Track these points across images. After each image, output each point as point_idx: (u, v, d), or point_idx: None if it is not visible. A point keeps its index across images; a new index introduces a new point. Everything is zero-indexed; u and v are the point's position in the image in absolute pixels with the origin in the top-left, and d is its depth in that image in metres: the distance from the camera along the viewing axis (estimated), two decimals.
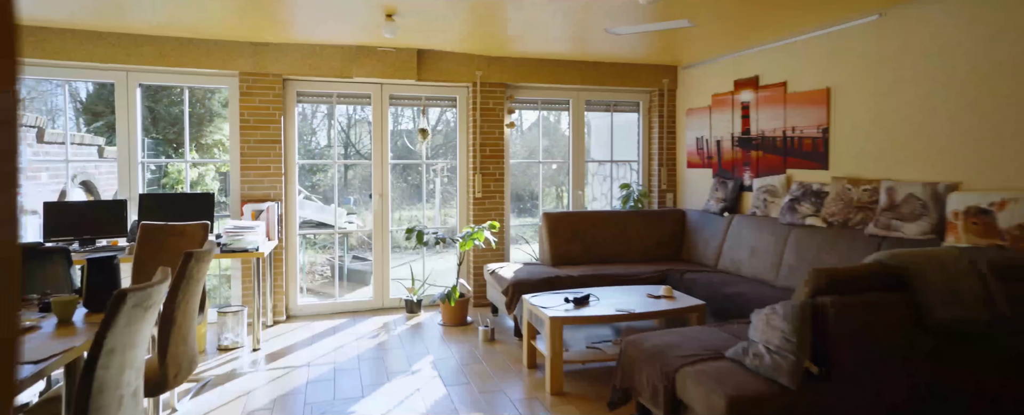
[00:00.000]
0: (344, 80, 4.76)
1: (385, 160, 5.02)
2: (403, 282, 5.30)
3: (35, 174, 5.52)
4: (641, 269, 4.39)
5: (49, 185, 5.86)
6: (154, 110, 10.52)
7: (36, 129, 5.92)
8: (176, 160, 4.57)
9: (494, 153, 5.12)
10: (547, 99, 5.43)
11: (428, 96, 5.11)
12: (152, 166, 8.90)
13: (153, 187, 10.34)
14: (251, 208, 4.42)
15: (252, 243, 3.93)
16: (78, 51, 4.08)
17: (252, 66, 4.44)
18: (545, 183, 12.86)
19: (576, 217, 4.87)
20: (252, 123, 4.51)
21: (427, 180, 12.89)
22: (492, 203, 5.12)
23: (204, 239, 3.39)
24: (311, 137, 13.17)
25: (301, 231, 5.09)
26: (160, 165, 9.01)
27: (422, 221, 4.80)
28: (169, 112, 10.89)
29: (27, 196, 4.52)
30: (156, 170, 9.26)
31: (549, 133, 13.41)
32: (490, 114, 5.09)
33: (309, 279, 7.34)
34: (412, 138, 4.88)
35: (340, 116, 14.84)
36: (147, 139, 10.13)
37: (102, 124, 10.27)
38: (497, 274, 4.39)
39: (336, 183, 5.73)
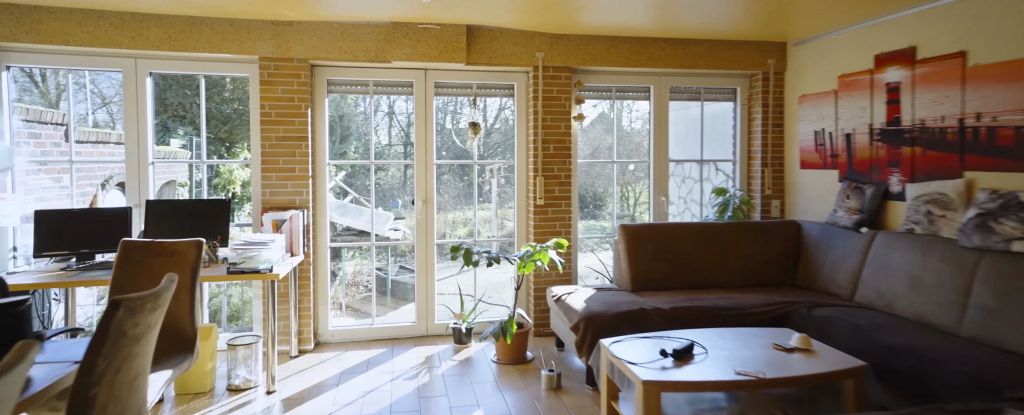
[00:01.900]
0: (381, 65, 4.01)
1: (429, 160, 4.24)
2: (451, 297, 4.51)
3: (58, 176, 5.10)
4: (750, 300, 3.39)
5: (81, 188, 5.46)
6: (206, 108, 10.27)
7: (63, 128, 5.53)
8: (196, 160, 3.93)
9: (559, 151, 4.24)
10: (623, 86, 4.50)
11: (480, 84, 4.29)
12: (204, 166, 8.56)
13: (206, 189, 10.12)
14: (271, 217, 3.75)
15: (265, 262, 3.23)
16: (76, 34, 3.51)
17: (273, 50, 3.76)
18: (607, 183, 11.85)
19: (661, 230, 3.92)
20: (274, 117, 3.83)
21: (480, 182, 12.19)
22: (556, 211, 4.25)
23: (197, 260, 2.70)
24: (372, 136, 12.72)
25: (335, 243, 4.38)
26: (212, 166, 8.65)
27: (476, 226, 4.03)
28: (220, 111, 10.63)
29: (43, 201, 4.05)
30: (208, 169, 8.96)
31: (611, 127, 12.37)
32: (554, 104, 4.22)
33: (351, 292, 6.70)
34: (462, 135, 4.14)
35: (400, 114, 14.42)
36: (199, 138, 9.89)
37: (157, 123, 10.12)
38: (564, 302, 3.51)
39: (373, 186, 4.98)
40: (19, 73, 8.22)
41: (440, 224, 9.69)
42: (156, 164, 6.28)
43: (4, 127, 3.64)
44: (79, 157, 5.70)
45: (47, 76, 8.67)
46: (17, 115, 4.53)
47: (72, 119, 4.27)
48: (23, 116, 4.88)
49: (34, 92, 8.62)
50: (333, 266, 6.42)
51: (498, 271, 7.57)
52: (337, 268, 6.49)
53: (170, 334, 2.64)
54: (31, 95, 8.50)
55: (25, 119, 4.88)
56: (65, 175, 5.10)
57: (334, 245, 4.36)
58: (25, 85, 8.42)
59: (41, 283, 3.01)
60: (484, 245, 4.23)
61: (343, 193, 8.57)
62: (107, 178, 6.11)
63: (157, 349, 2.57)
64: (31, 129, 4.93)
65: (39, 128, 5.08)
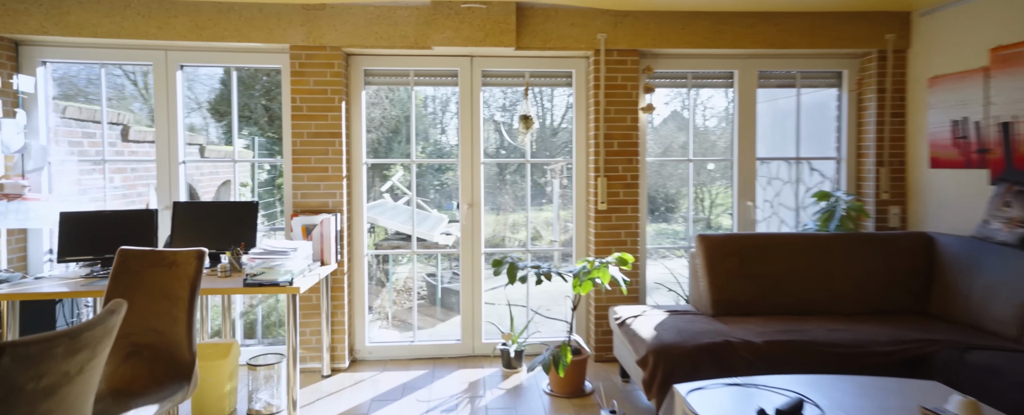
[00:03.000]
0: (422, 52, 3.58)
1: (476, 158, 3.77)
2: (503, 308, 4.02)
3: (110, 176, 5.06)
4: (869, 334, 2.67)
5: (135, 188, 5.42)
6: (270, 108, 10.38)
7: (120, 127, 5.51)
8: (223, 160, 3.64)
9: (624, 148, 3.65)
10: (701, 72, 3.84)
11: (533, 72, 3.77)
12: (267, 165, 8.58)
13: (267, 188, 10.20)
14: (301, 222, 3.40)
15: (285, 274, 2.86)
16: (104, 25, 3.30)
17: (304, 37, 3.41)
18: (679, 183, 11.00)
19: (748, 242, 3.24)
20: (305, 111, 3.48)
21: (532, 184, 11.66)
22: (621, 218, 3.66)
23: (198, 272, 2.35)
24: (440, 135, 12.52)
25: (376, 250, 4.00)
26: (275, 165, 8.65)
27: (530, 231, 3.52)
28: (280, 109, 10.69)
29: (97, 202, 3.91)
30: (272, 169, 8.98)
31: (686, 125, 11.48)
32: (619, 93, 3.63)
33: (402, 300, 6.35)
34: (513, 132, 3.67)
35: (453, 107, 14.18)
36: (262, 138, 9.99)
37: (225, 124, 10.30)
38: (629, 328, 2.93)
39: (414, 186, 4.54)
40: (107, 72, 8.51)
41: (498, 227, 9.26)
42: (198, 164, 6.27)
43: (39, 125, 3.49)
44: (135, 157, 5.69)
45: (148, 74, 8.88)
46: (68, 114, 4.48)
47: (105, 116, 4.11)
48: (76, 115, 4.84)
49: (126, 92, 8.85)
50: (381, 272, 6.10)
51: (557, 279, 7.06)
52: (383, 274, 6.18)
53: (164, 359, 2.29)
54: (116, 94, 8.77)
55: (78, 118, 4.85)
56: (118, 175, 5.04)
57: (375, 252, 3.97)
58: (117, 84, 8.64)
59: (15, 294, 2.76)
60: (542, 252, 3.72)
61: (400, 195, 8.31)
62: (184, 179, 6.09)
63: (148, 377, 2.23)
64: (85, 128, 4.89)
65: (93, 127, 5.05)
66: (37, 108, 3.49)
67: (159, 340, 2.30)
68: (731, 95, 3.91)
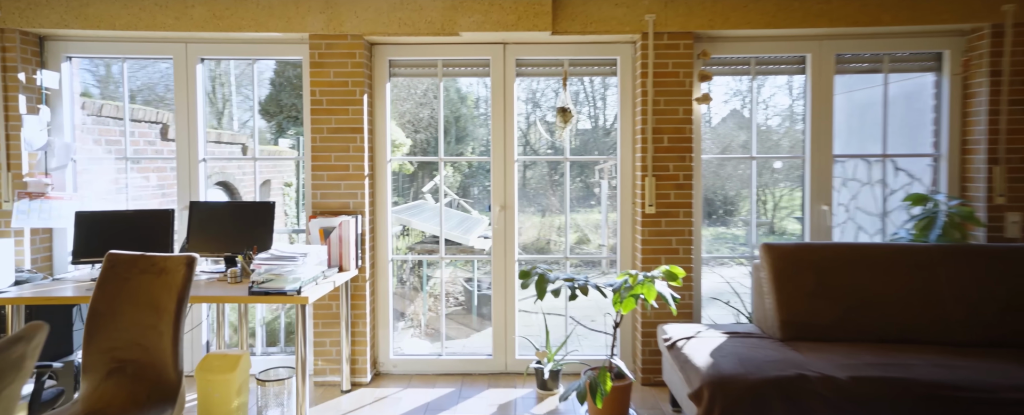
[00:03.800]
0: (450, 40, 3.26)
1: (509, 156, 3.42)
2: (533, 317, 3.65)
3: (147, 175, 5.02)
4: (996, 374, 2.14)
5: (174, 188, 5.38)
6: None
7: (160, 126, 5.50)
8: (242, 159, 3.44)
9: (676, 144, 3.21)
10: (766, 56, 3.35)
11: (572, 60, 3.39)
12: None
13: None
14: (319, 224, 3.15)
15: (294, 282, 2.60)
16: (122, 16, 3.16)
17: (324, 25, 3.16)
18: (739, 185, 10.28)
19: (825, 254, 2.74)
20: (325, 105, 3.23)
21: (581, 185, 11.14)
22: (672, 223, 3.22)
23: (186, 281, 2.11)
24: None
25: (399, 256, 3.71)
26: None
27: (568, 235, 3.16)
28: None
29: (137, 200, 3.77)
30: None
31: (742, 122, 10.73)
32: (669, 82, 3.19)
33: (437, 306, 6.07)
34: (551, 127, 3.31)
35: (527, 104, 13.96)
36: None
37: (272, 124, 10.39)
38: (681, 352, 2.50)
39: (442, 186, 4.26)
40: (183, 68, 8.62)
41: (543, 229, 8.89)
42: (241, 163, 6.22)
43: (64, 122, 3.40)
44: (173, 155, 5.68)
45: (220, 78, 8.98)
46: (104, 112, 4.44)
47: (127, 112, 4.01)
48: (113, 113, 4.82)
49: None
50: (416, 277, 5.85)
51: (606, 280, 6.61)
52: (417, 280, 5.92)
53: (148, 378, 2.06)
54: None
55: (117, 116, 4.83)
56: (154, 174, 5.00)
57: (399, 257, 3.69)
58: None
59: (18, 299, 2.61)
60: (590, 257, 3.33)
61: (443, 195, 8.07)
62: (206, 179, 6.07)
63: (128, 398, 2.00)
64: (122, 127, 4.87)
65: (132, 126, 5.03)
66: (61, 105, 3.40)
67: (144, 356, 2.07)
68: (800, 85, 3.39)
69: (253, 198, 7.34)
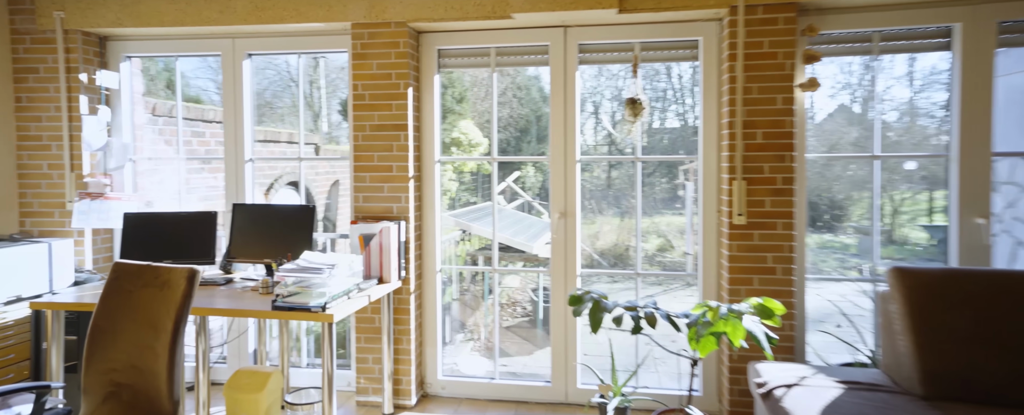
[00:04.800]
0: (504, 25, 2.89)
1: (570, 156, 2.99)
2: (602, 333, 3.20)
3: (214, 174, 5.06)
4: None
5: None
6: None
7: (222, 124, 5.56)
8: (284, 159, 3.25)
9: (772, 141, 2.63)
10: (893, 30, 2.68)
11: (644, 43, 2.89)
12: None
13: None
14: (360, 231, 2.88)
15: (319, 296, 2.33)
16: (169, 12, 3.07)
17: (366, 13, 2.89)
18: (849, 187, 9.13)
19: (985, 283, 2.07)
20: (368, 100, 2.96)
21: (651, 186, 10.35)
22: (767, 236, 2.65)
23: (186, 297, 1.87)
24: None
25: (446, 267, 3.38)
26: None
27: (638, 244, 2.66)
28: None
29: (207, 201, 3.69)
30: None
31: (852, 117, 9.53)
32: (765, 65, 2.63)
33: (506, 314, 5.69)
34: (621, 125, 2.86)
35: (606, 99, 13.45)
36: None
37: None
38: (780, 407, 1.96)
39: (493, 187, 3.89)
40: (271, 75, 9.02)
41: (621, 234, 8.29)
42: (313, 163, 6.18)
43: (123, 122, 3.39)
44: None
45: (316, 81, 9.21)
46: (174, 112, 4.49)
47: (180, 111, 3.96)
48: (185, 114, 4.89)
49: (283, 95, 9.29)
50: (477, 286, 5.52)
51: (677, 299, 5.88)
52: (478, 289, 5.59)
53: (140, 409, 1.84)
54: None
55: (187, 117, 4.89)
56: (220, 174, 5.04)
57: (447, 268, 3.35)
58: (276, 88, 9.06)
59: (52, 304, 2.51)
60: (672, 263, 2.83)
61: (514, 197, 7.74)
62: (275, 179, 6.12)
63: None
64: (193, 127, 4.94)
65: (202, 126, 5.10)
66: (120, 105, 3.38)
67: (139, 381, 1.85)
68: (926, 72, 2.69)
69: (325, 199, 7.37)
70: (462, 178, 9.89)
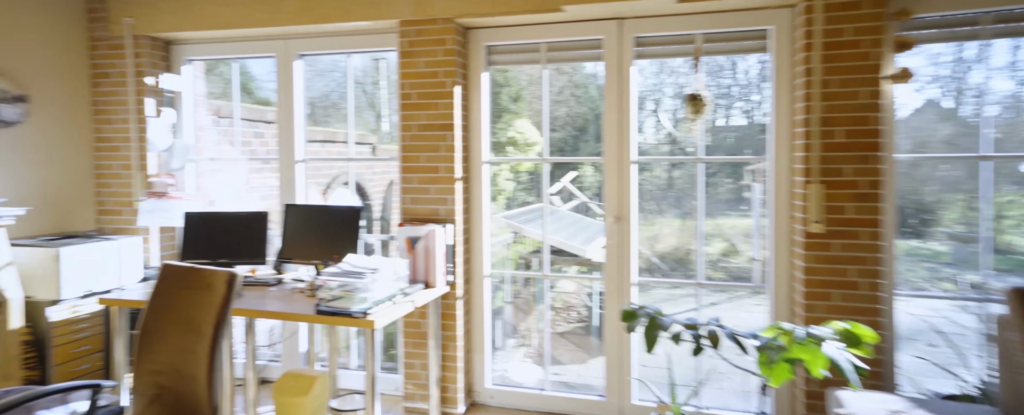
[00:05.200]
0: (554, 18, 2.74)
1: (624, 156, 2.80)
2: (661, 345, 2.99)
3: (276, 174, 5.18)
4: None
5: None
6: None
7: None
8: (339, 159, 3.23)
9: (855, 140, 2.35)
10: (1007, 10, 2.33)
11: (707, 34, 2.66)
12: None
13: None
14: (406, 233, 2.82)
15: (361, 301, 2.27)
16: (225, 15, 3.11)
17: (412, 10, 2.81)
18: (940, 188, 8.34)
19: None
20: (415, 99, 2.89)
21: (715, 187, 9.82)
22: (850, 247, 2.37)
23: (226, 301, 1.84)
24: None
25: (495, 272, 3.27)
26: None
27: (701, 249, 2.44)
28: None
29: (268, 200, 3.77)
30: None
31: (942, 113, 8.70)
32: (848, 55, 2.35)
33: (559, 320, 5.53)
34: (682, 124, 2.65)
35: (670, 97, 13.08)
36: None
37: None
38: None
39: (546, 193, 3.75)
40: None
41: (682, 236, 7.92)
42: (370, 163, 6.22)
43: (186, 123, 3.49)
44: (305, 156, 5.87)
45: (378, 83, 9.39)
46: (224, 115, 4.62)
47: (238, 112, 4.03)
48: (248, 116, 5.03)
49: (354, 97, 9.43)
50: (528, 291, 5.38)
51: (743, 308, 5.52)
52: (529, 294, 5.44)
53: (181, 412, 1.83)
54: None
55: (248, 119, 5.03)
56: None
57: (498, 272, 3.23)
58: (343, 90, 9.25)
59: (116, 301, 2.56)
60: (738, 270, 2.59)
61: (571, 198, 7.56)
62: (332, 179, 6.22)
63: None
64: (255, 128, 5.07)
65: (263, 127, 5.23)
66: (182, 106, 3.48)
67: (180, 385, 1.84)
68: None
69: (381, 199, 7.45)
70: (519, 177, 9.79)
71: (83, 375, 3.06)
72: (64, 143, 3.30)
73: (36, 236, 3.12)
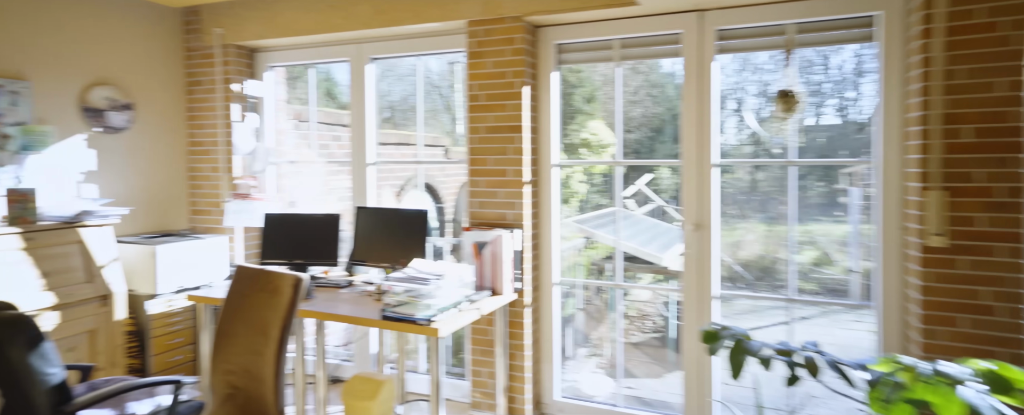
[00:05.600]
0: (628, 13, 2.57)
1: (705, 159, 2.58)
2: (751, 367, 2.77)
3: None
4: None
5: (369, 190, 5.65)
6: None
7: None
8: (406, 162, 3.22)
9: (987, 139, 2.02)
10: None
11: (802, 23, 2.40)
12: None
13: None
14: (473, 238, 2.75)
15: (425, 308, 2.21)
16: (304, 21, 3.19)
17: (481, 9, 2.74)
18: None
19: None
20: (483, 100, 2.82)
21: (805, 191, 9.08)
22: (980, 265, 2.04)
23: (292, 305, 1.84)
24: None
25: (564, 280, 3.14)
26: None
27: (824, 254, 2.18)
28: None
29: (344, 200, 3.88)
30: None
31: None
32: (979, 41, 2.02)
33: (633, 329, 5.28)
34: (768, 122, 2.39)
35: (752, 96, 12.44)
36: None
37: None
38: None
39: (619, 197, 3.57)
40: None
41: (769, 243, 7.38)
42: (442, 165, 6.23)
43: (266, 127, 3.62)
44: (379, 159, 5.99)
45: (454, 85, 9.71)
46: (317, 118, 4.77)
47: (314, 116, 4.12)
48: (327, 119, 5.19)
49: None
50: (601, 299, 5.17)
51: (852, 319, 5.02)
52: (602, 302, 5.22)
53: (252, 411, 1.84)
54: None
55: (327, 122, 5.19)
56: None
57: (567, 280, 3.09)
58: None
59: (204, 298, 2.65)
60: (830, 282, 2.30)
61: (646, 201, 7.27)
62: (406, 181, 6.31)
63: None
64: (333, 132, 5.22)
65: (340, 131, 5.38)
66: (264, 111, 3.61)
67: (250, 385, 1.85)
68: None
69: (453, 202, 7.49)
70: (592, 179, 9.57)
71: (177, 365, 3.24)
72: (163, 147, 3.50)
73: (138, 234, 3.33)
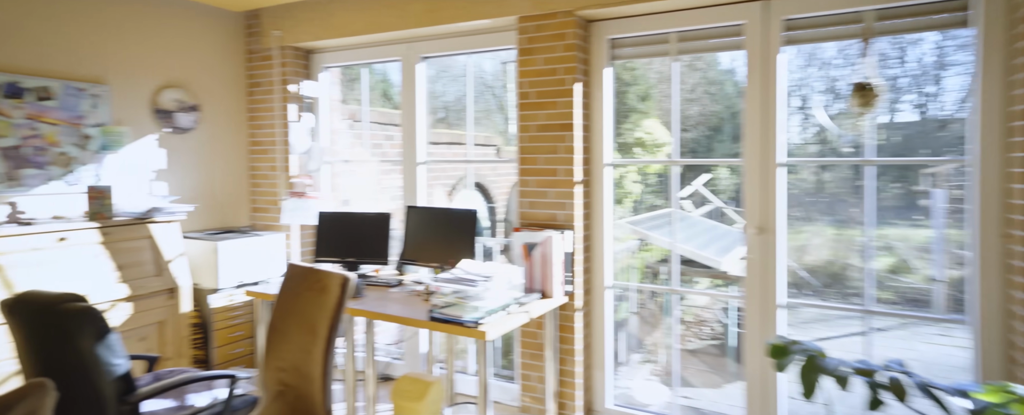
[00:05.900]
0: (684, 5, 2.44)
1: (769, 159, 2.42)
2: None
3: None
4: None
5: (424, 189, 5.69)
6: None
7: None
8: (455, 161, 3.20)
9: None
10: None
11: (881, 9, 2.20)
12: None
13: None
14: (522, 239, 2.69)
15: (473, 310, 2.17)
16: (358, 22, 3.22)
17: (532, 5, 2.67)
18: None
19: None
20: (533, 97, 2.75)
21: (882, 191, 8.52)
22: None
23: (339, 304, 1.83)
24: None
25: (618, 284, 3.03)
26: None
27: (902, 261, 1.99)
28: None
29: (396, 200, 3.92)
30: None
31: None
32: None
33: (690, 335, 5.05)
34: (841, 118, 2.18)
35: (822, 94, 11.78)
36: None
37: None
38: None
39: (678, 201, 3.43)
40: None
41: (838, 247, 6.94)
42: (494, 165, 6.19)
43: (321, 127, 3.69)
44: (430, 158, 6.03)
45: (507, 85, 9.77)
46: (371, 118, 4.84)
47: (367, 116, 4.16)
48: (380, 119, 5.26)
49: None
50: (655, 303, 4.98)
51: (935, 333, 4.64)
52: (657, 306, 5.03)
53: (301, 409, 1.84)
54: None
55: (376, 122, 5.26)
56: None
57: (619, 284, 2.97)
58: (474, 93, 9.56)
59: (262, 293, 2.70)
60: (910, 292, 2.10)
61: (704, 202, 7.00)
62: (458, 180, 6.32)
63: None
64: (385, 131, 5.29)
65: (393, 130, 5.44)
66: (319, 112, 3.68)
67: (300, 383, 1.86)
68: None
69: (505, 201, 7.46)
70: (647, 179, 9.33)
71: (238, 357, 3.35)
72: (226, 147, 3.63)
73: (202, 230, 3.46)
